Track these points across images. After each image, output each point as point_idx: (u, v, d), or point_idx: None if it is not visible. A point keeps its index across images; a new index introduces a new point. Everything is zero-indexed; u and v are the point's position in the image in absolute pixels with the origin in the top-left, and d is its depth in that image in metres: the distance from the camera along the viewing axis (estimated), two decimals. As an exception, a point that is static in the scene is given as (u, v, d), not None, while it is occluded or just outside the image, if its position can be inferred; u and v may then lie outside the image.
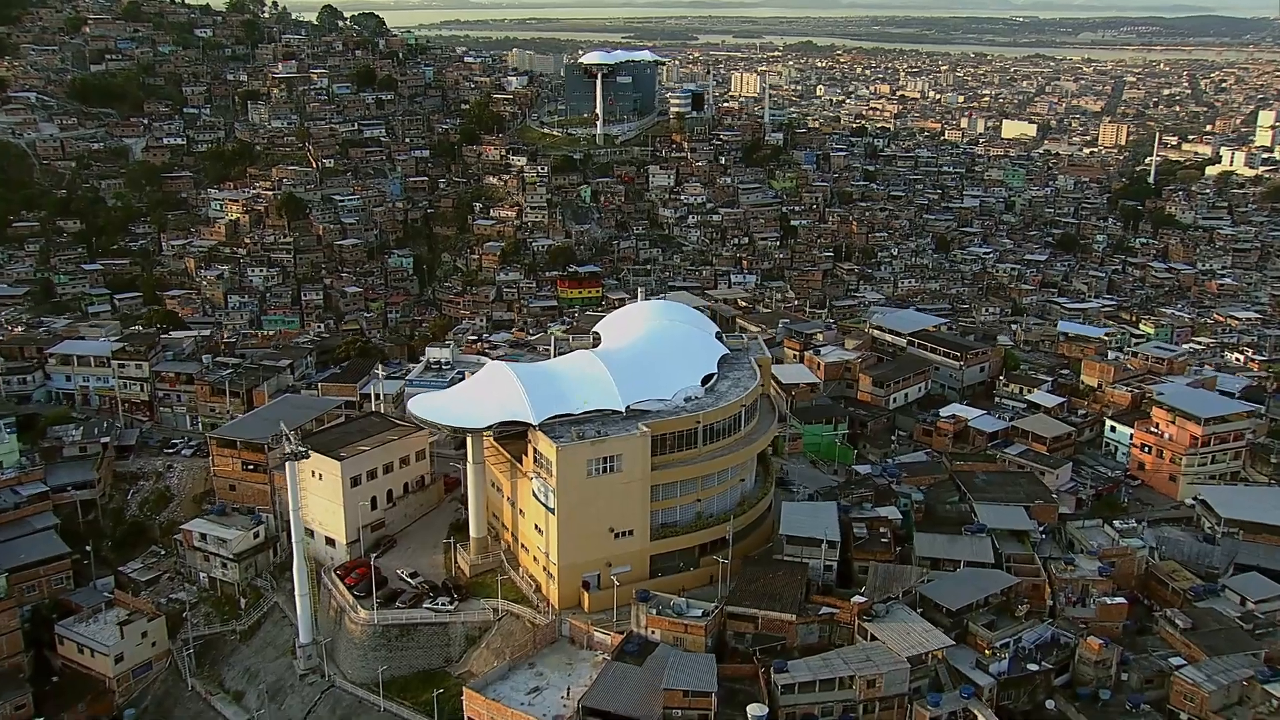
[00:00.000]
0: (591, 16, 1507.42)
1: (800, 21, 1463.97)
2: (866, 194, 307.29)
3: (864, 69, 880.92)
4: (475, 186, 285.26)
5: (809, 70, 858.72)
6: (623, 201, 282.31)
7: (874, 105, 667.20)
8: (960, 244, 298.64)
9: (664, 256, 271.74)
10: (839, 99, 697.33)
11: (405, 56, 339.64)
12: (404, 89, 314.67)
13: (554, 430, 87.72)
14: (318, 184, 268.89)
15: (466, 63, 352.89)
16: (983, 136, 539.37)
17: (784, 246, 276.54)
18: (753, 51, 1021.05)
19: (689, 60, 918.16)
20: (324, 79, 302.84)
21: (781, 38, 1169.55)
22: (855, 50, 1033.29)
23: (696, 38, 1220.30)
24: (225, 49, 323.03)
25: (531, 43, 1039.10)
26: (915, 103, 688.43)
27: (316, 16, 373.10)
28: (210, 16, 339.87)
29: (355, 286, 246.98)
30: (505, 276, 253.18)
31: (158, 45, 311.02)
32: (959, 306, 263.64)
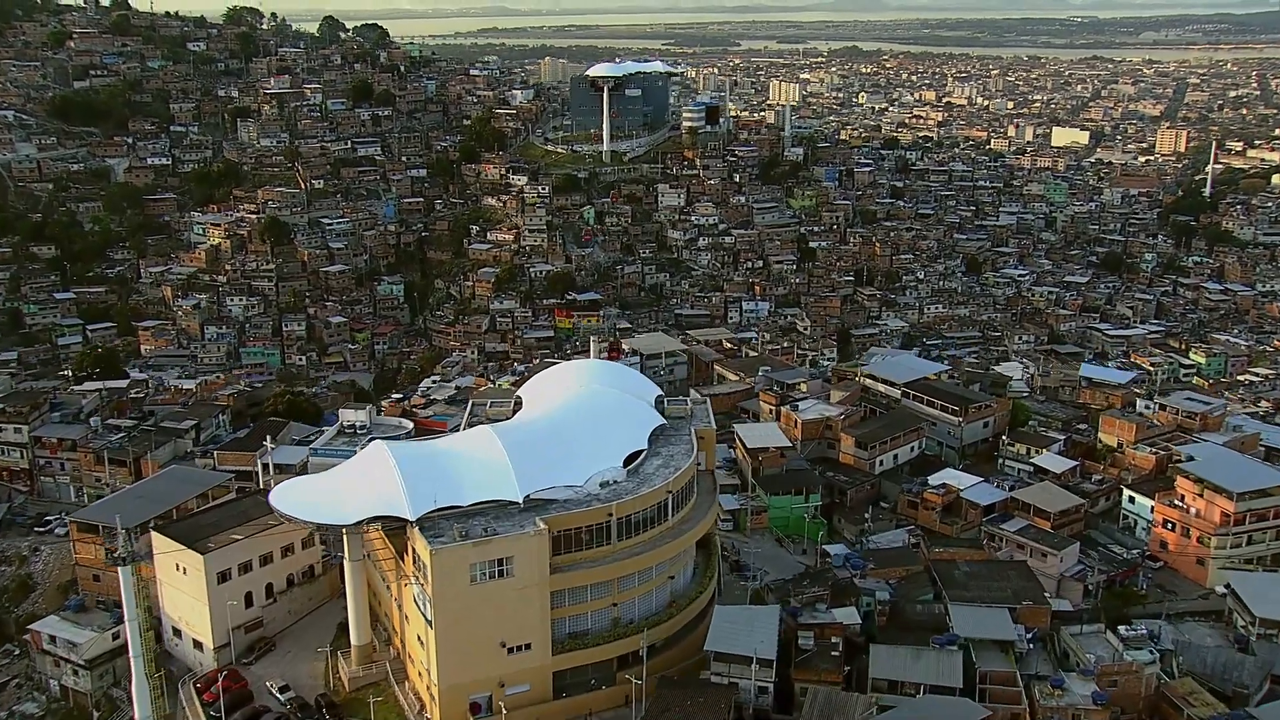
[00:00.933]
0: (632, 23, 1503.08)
1: (846, 26, 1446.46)
2: (892, 212, 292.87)
3: (910, 75, 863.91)
4: (473, 208, 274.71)
5: (852, 76, 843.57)
6: (629, 223, 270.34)
7: (917, 113, 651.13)
8: (993, 265, 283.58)
9: (671, 282, 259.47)
10: (881, 107, 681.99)
11: (407, 69, 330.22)
12: (402, 104, 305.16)
13: (435, 527, 75.57)
14: (305, 207, 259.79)
15: (471, 76, 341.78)
16: (1030, 145, 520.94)
17: (801, 270, 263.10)
18: (795, 58, 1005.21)
19: (728, 68, 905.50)
20: (318, 94, 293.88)
21: (826, 43, 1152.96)
22: (902, 55, 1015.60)
23: (738, 44, 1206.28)
24: (218, 63, 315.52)
25: (568, 51, 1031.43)
26: (961, 110, 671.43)
27: (318, 28, 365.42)
28: (204, 29, 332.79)
29: (340, 316, 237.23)
30: (500, 305, 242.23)
31: (146, 60, 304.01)
32: (990, 334, 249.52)
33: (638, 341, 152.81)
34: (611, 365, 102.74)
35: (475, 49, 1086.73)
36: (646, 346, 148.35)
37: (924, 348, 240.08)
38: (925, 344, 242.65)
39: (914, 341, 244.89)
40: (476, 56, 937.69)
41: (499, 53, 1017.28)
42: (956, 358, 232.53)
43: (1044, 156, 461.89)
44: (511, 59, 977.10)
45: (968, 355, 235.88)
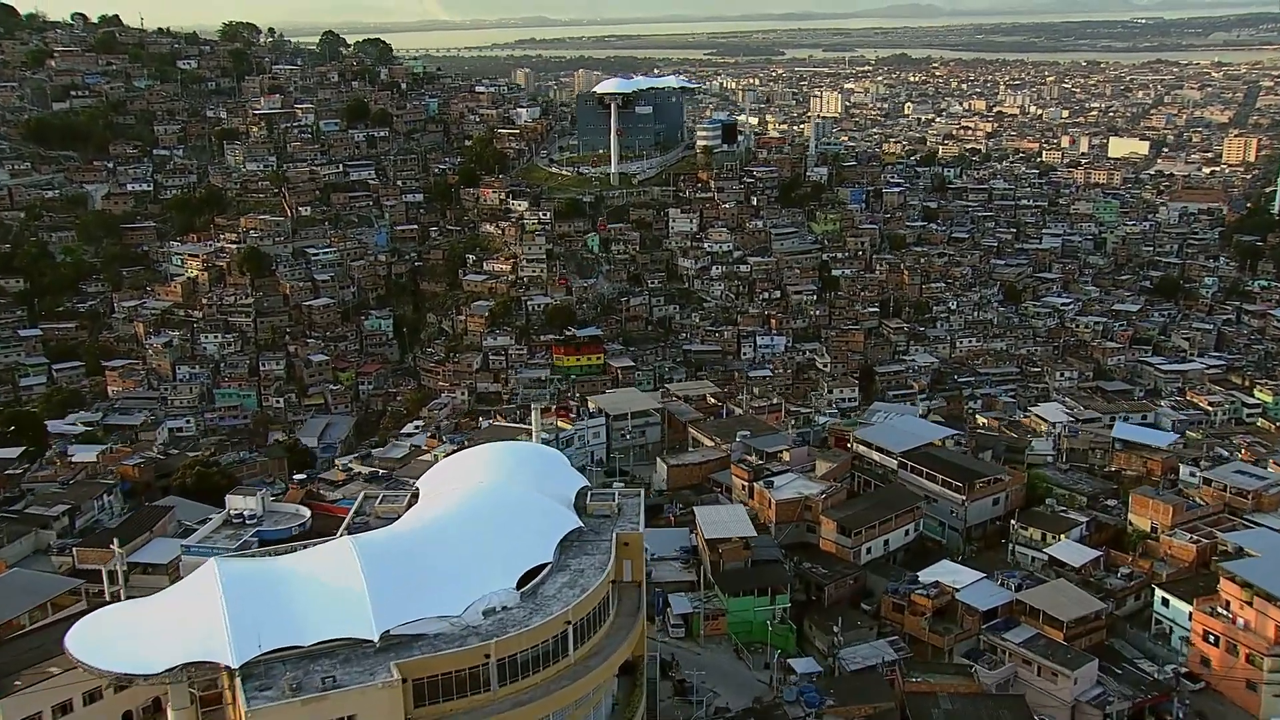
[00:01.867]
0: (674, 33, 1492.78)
1: (896, 33, 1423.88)
2: (923, 237, 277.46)
3: (960, 83, 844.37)
4: (470, 235, 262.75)
5: (899, 86, 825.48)
6: (636, 250, 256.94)
7: (966, 124, 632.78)
8: (1034, 293, 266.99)
9: (681, 314, 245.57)
10: (928, 117, 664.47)
11: (409, 87, 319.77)
12: (400, 124, 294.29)
13: (265, 675, 62.09)
14: (289, 235, 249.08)
15: (476, 93, 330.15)
16: (1085, 157, 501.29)
17: (822, 301, 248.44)
18: (840, 66, 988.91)
19: (770, 78, 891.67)
20: (309, 114, 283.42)
21: (874, 51, 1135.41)
22: (953, 62, 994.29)
23: (782, 53, 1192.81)
24: (209, 82, 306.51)
25: (605, 62, 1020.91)
26: (1012, 120, 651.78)
27: (317, 44, 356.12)
28: (196, 46, 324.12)
29: (322, 354, 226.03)
30: (493, 341, 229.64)
31: (132, 79, 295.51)
32: (1029, 369, 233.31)
33: (604, 400, 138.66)
34: (532, 450, 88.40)
35: (510, 61, 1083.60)
36: (614, 405, 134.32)
37: (955, 386, 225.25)
38: (957, 381, 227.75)
39: (944, 379, 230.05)
40: (510, 69, 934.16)
41: (533, 65, 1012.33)
42: (991, 397, 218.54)
43: (1099, 169, 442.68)
44: (546, 71, 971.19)
45: (1004, 394, 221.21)
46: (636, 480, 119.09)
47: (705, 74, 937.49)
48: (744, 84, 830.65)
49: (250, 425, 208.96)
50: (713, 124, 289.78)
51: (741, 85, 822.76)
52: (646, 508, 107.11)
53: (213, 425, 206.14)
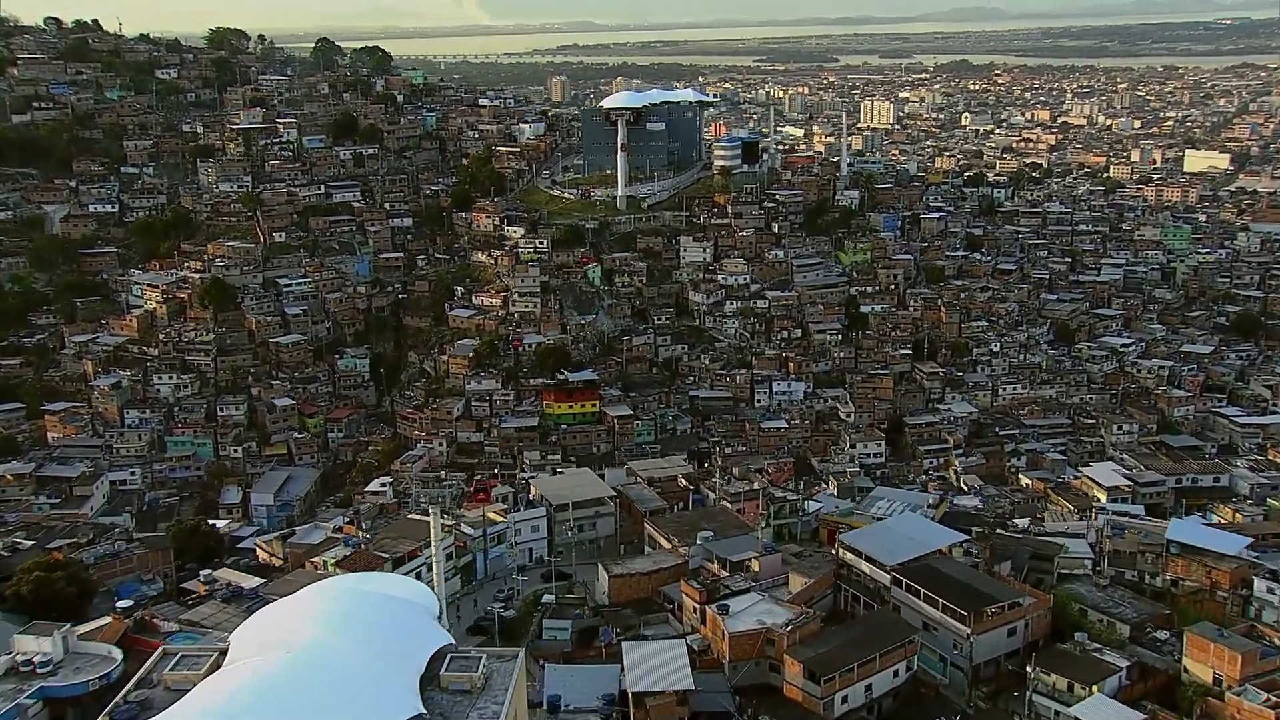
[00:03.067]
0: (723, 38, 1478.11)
1: (958, 38, 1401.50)
2: (965, 268, 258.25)
3: (1023, 91, 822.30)
4: (461, 265, 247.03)
5: (957, 94, 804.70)
6: (643, 283, 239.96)
7: (1027, 135, 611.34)
8: (1090, 333, 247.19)
9: (690, 355, 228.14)
10: (986, 128, 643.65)
11: (406, 99, 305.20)
12: (392, 141, 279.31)
13: None
14: (260, 264, 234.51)
15: (478, 107, 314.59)
16: (1157, 171, 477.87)
17: (848, 341, 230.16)
18: (896, 74, 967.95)
19: (820, 86, 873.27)
20: (292, 130, 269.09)
21: (934, 57, 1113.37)
22: (1016, 69, 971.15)
23: (836, 59, 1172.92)
24: (189, 94, 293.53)
25: (648, 70, 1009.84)
26: (1079, 131, 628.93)
27: (311, 52, 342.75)
28: (178, 54, 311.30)
29: (288, 398, 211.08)
30: (477, 386, 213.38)
31: (104, 89, 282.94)
32: (1082, 421, 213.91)
33: (548, 485, 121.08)
34: (381, 598, 70.54)
35: (549, 68, 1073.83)
36: (558, 491, 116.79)
37: (996, 439, 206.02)
38: (998, 434, 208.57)
39: (984, 431, 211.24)
40: (547, 76, 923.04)
41: (571, 72, 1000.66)
42: (1038, 454, 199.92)
43: (1173, 185, 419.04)
44: (586, 78, 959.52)
45: (1052, 450, 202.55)
46: (579, 589, 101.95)
47: (752, 82, 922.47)
48: (791, 93, 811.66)
49: (203, 477, 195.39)
50: (731, 142, 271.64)
51: (789, 94, 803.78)
52: (582, 630, 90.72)
53: (161, 477, 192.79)
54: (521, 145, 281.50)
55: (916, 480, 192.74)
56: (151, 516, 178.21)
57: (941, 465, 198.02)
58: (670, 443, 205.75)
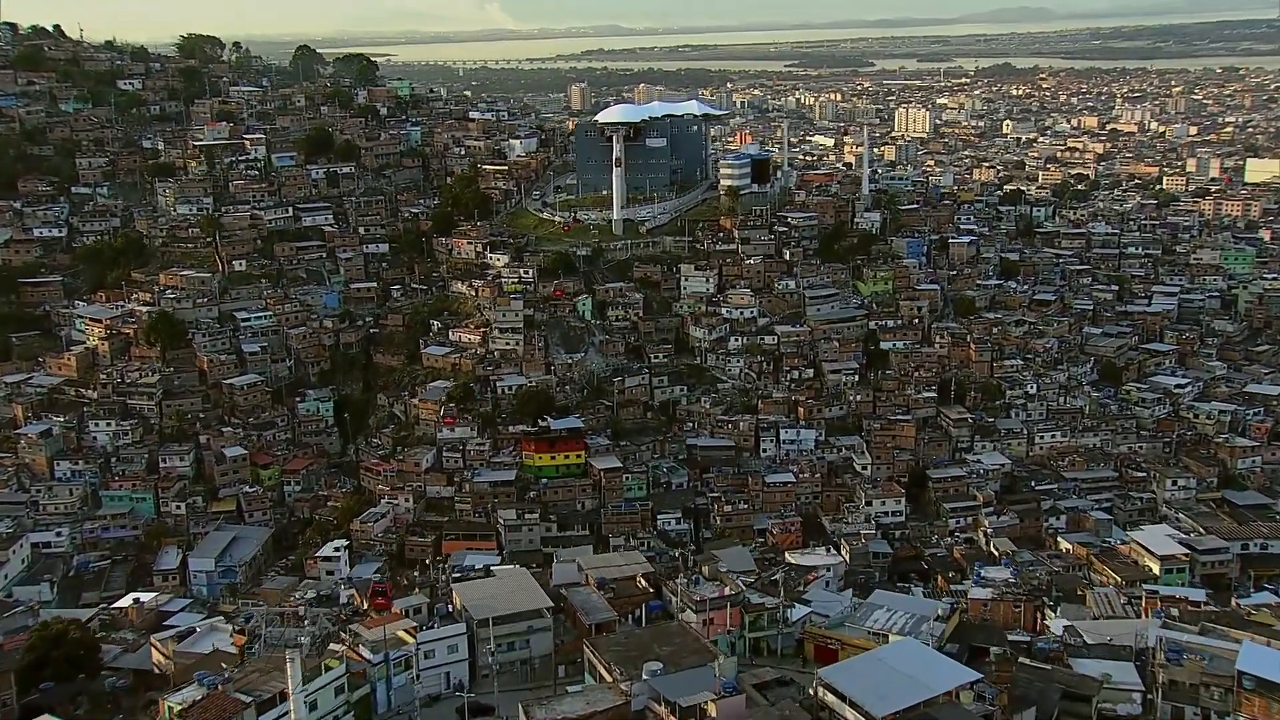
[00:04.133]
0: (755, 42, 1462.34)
1: (1001, 40, 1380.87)
2: (998, 299, 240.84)
3: (1069, 96, 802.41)
4: (439, 296, 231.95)
5: (999, 100, 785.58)
6: (639, 316, 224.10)
7: (1073, 144, 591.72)
8: (1139, 371, 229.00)
9: (689, 398, 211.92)
10: (1029, 136, 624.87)
11: (390, 112, 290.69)
12: (370, 158, 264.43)
13: None
14: (216, 296, 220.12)
15: (467, 120, 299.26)
16: (1215, 182, 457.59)
17: (866, 382, 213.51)
18: (934, 79, 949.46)
19: (854, 92, 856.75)
20: (260, 146, 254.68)
21: (975, 60, 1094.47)
22: (1063, 73, 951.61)
23: (872, 64, 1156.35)
24: (152, 106, 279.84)
25: (674, 75, 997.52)
26: (1129, 139, 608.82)
27: (290, 61, 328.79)
28: (143, 63, 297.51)
29: (239, 447, 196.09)
30: (449, 434, 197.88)
31: (58, 101, 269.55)
32: (1131, 474, 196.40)
33: (470, 592, 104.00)
34: None
35: (571, 74, 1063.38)
36: (484, 601, 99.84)
37: (1031, 496, 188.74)
38: (1034, 489, 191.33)
39: (1018, 486, 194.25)
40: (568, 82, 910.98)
41: (594, 78, 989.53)
42: (1079, 512, 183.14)
43: (1233, 198, 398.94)
44: (608, 85, 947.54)
45: (1096, 509, 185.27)
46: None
47: (781, 88, 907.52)
48: (823, 99, 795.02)
49: (140, 538, 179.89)
50: (739, 159, 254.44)
51: (820, 101, 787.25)
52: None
53: (93, 538, 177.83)
54: (510, 163, 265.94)
55: (940, 542, 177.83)
56: (78, 584, 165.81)
57: (969, 525, 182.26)
58: (664, 498, 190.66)
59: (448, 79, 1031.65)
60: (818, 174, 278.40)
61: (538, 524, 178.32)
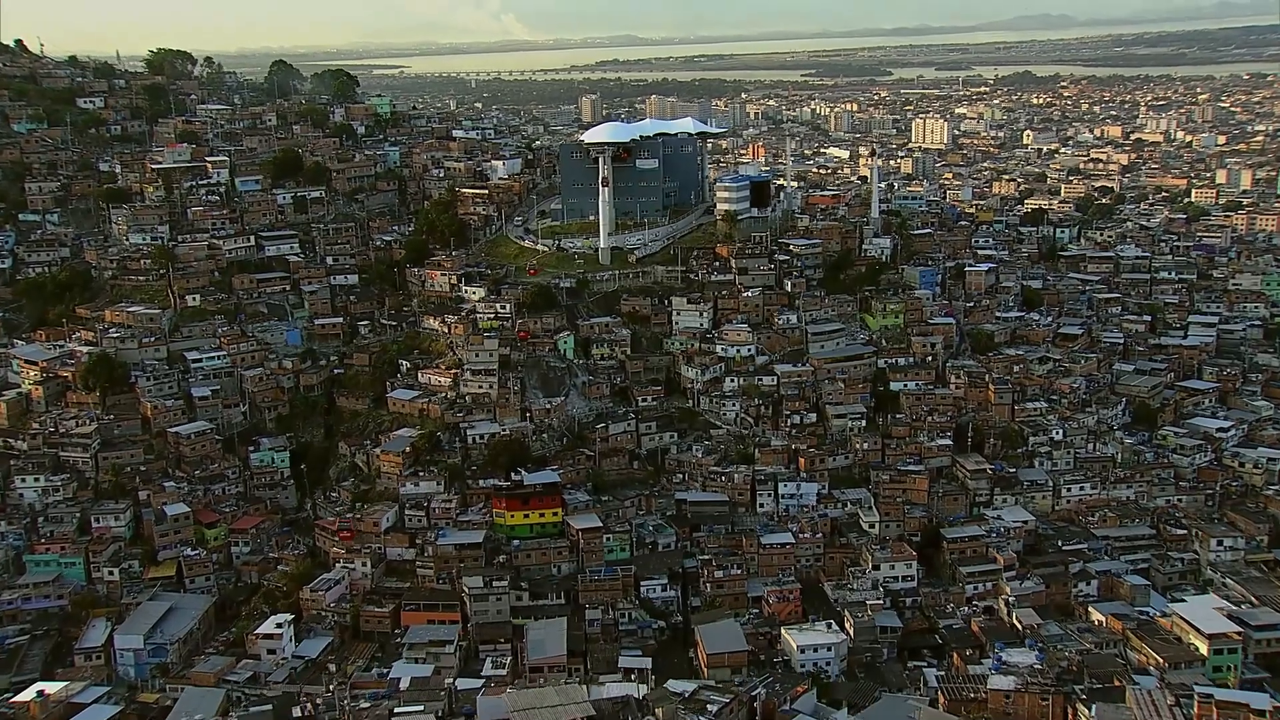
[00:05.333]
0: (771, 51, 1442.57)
1: (1020, 47, 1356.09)
2: (1019, 333, 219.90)
3: (1091, 104, 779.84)
4: (410, 332, 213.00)
5: (1019, 109, 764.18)
6: (626, 355, 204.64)
7: (1096, 155, 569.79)
8: (1176, 412, 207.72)
9: (680, 445, 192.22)
10: (1051, 147, 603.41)
11: (368, 131, 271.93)
12: (342, 181, 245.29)
13: None
14: (165, 334, 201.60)
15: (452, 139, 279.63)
16: (1248, 195, 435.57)
17: (874, 427, 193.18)
18: (952, 87, 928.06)
19: (870, 102, 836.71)
20: (223, 169, 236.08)
21: (994, 68, 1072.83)
22: (1084, 80, 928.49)
23: (890, 73, 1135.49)
24: (112, 126, 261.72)
25: (689, 86, 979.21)
26: (1154, 149, 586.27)
27: (266, 77, 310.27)
28: (106, 80, 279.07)
29: (182, 504, 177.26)
30: (414, 489, 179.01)
31: (10, 121, 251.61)
32: (1170, 532, 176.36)
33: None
34: None
35: (585, 85, 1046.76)
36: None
37: (1058, 557, 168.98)
38: (1061, 550, 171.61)
39: (1043, 545, 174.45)
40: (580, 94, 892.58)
41: (607, 89, 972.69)
42: (1113, 577, 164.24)
43: (1268, 212, 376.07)
44: (621, 96, 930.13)
45: (1131, 572, 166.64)
46: None
47: (797, 98, 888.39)
48: (838, 110, 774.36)
49: (67, 609, 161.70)
50: (738, 181, 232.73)
51: (835, 111, 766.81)
52: None
53: (13, 609, 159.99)
54: (490, 186, 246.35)
55: (956, 612, 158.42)
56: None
57: (989, 592, 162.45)
58: (649, 561, 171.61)
59: (459, 91, 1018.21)
60: (824, 195, 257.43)
61: (507, 592, 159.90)
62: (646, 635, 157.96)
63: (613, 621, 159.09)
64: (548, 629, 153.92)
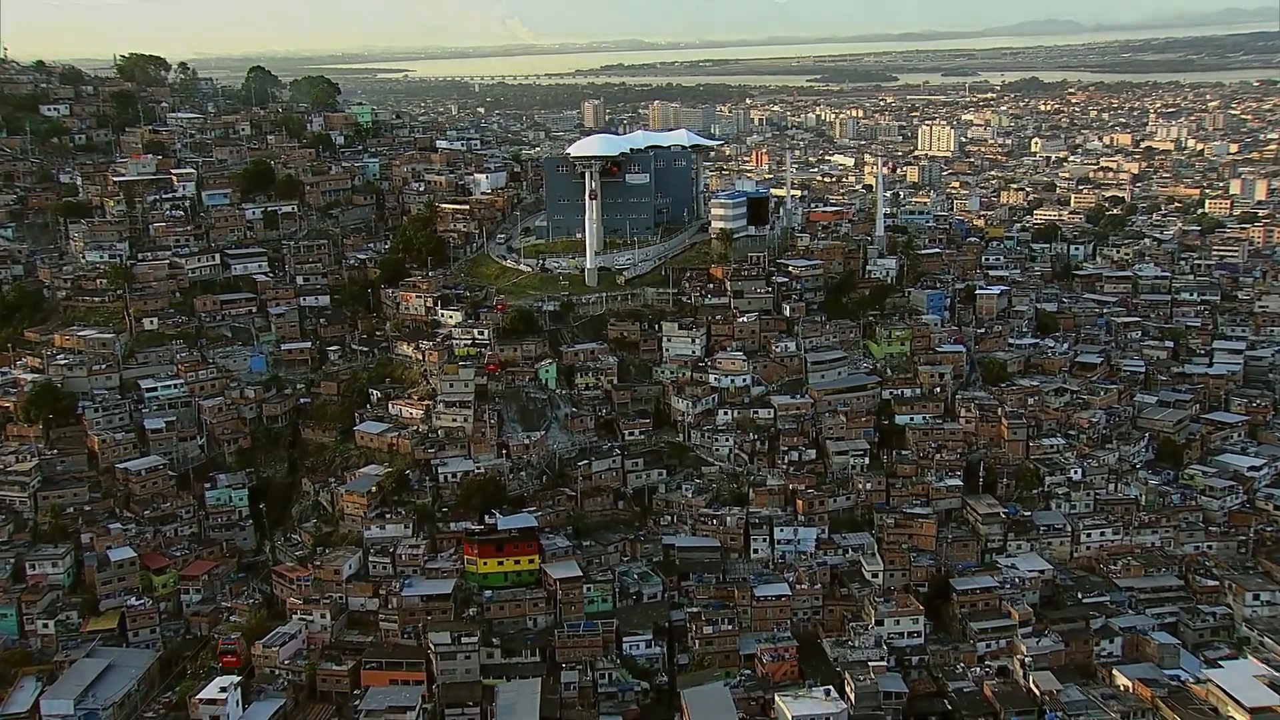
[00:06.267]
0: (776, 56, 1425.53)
1: (1027, 53, 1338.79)
2: (1034, 361, 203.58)
3: (1099, 111, 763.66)
4: (382, 358, 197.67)
5: (1026, 116, 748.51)
6: (613, 385, 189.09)
7: (1106, 163, 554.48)
8: (1204, 448, 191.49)
9: (668, 485, 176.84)
10: (1059, 155, 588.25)
11: (347, 141, 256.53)
12: (316, 195, 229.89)
13: None
14: (118, 360, 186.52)
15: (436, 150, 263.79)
16: (1263, 206, 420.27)
17: (878, 465, 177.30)
18: (959, 93, 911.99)
19: (875, 108, 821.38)
20: (190, 181, 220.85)
21: (1001, 74, 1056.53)
22: (1092, 87, 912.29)
23: (895, 78, 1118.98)
24: (77, 135, 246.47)
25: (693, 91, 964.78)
26: (1165, 157, 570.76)
27: (242, 84, 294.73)
28: (71, 86, 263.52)
29: (128, 548, 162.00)
30: (379, 532, 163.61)
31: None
32: (1200, 583, 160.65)
33: None
34: None
35: (589, 89, 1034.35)
36: None
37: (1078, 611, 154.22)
38: (1081, 602, 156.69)
39: (1061, 598, 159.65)
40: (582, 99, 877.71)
41: (610, 94, 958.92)
42: (1138, 634, 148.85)
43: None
44: (625, 101, 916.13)
45: (1158, 628, 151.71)
46: None
47: (801, 104, 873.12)
48: (844, 116, 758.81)
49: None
50: (734, 198, 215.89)
51: (840, 118, 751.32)
52: None
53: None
54: (472, 202, 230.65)
55: (967, 673, 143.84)
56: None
57: (1003, 650, 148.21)
58: (633, 613, 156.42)
59: (463, 95, 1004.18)
60: (825, 212, 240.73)
61: (476, 650, 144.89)
62: (628, 699, 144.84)
63: (591, 683, 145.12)
64: (520, 691, 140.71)
